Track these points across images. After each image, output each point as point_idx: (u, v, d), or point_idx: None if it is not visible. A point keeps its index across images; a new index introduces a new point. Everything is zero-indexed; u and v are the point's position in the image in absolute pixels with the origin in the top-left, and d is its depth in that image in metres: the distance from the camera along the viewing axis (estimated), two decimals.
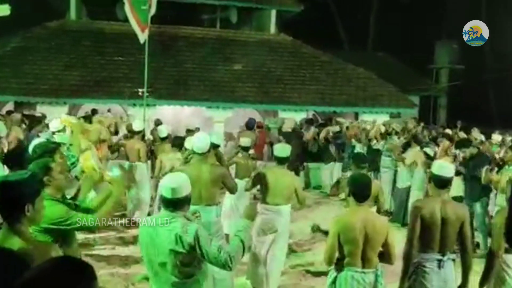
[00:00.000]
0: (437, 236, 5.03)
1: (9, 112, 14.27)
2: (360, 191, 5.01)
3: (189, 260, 4.07)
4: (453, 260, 5.16)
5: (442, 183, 5.13)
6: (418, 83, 26.58)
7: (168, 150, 10.02)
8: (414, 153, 11.60)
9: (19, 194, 3.31)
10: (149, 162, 11.56)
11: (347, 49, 32.17)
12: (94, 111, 15.85)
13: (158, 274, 4.12)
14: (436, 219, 5.01)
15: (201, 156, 6.82)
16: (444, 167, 5.26)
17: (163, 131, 11.02)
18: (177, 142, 9.80)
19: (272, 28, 20.56)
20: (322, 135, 15.06)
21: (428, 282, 5.05)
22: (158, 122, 14.49)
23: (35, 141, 7.48)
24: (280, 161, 7.41)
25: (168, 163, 9.38)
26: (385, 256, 4.96)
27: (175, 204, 4.17)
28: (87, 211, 4.80)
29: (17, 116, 13.32)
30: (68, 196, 4.86)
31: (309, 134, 15.61)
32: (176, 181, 4.23)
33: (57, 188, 4.59)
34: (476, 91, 29.45)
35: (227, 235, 8.36)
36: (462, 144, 10.48)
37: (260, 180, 7.32)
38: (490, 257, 5.21)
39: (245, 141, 10.03)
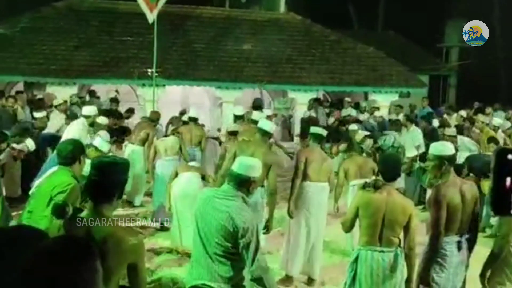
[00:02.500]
0: (458, 219, 5.02)
1: (18, 93, 14.34)
2: (388, 170, 5.04)
3: (232, 242, 4.15)
4: (468, 240, 5.15)
5: (449, 160, 5.08)
6: (428, 63, 26.38)
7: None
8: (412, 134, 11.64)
9: (126, 178, 3.48)
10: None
11: (357, 28, 31.93)
12: (92, 93, 15.76)
13: (204, 244, 4.20)
14: (458, 202, 4.98)
15: (264, 137, 7.02)
16: (443, 144, 5.33)
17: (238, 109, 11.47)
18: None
19: (282, 7, 20.45)
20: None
21: (448, 264, 5.04)
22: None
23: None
24: (317, 138, 7.48)
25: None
26: (405, 240, 4.97)
27: (242, 180, 4.24)
28: None
29: (23, 96, 13.42)
30: None
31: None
32: (254, 161, 4.41)
33: (79, 170, 4.82)
34: (486, 70, 29.18)
35: None
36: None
37: (303, 158, 7.32)
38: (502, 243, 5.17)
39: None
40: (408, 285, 5.01)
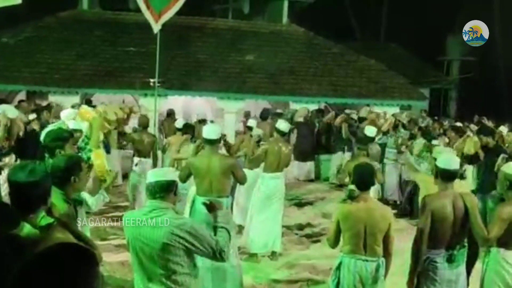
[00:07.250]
0: (447, 232, 4.99)
1: (20, 102, 14.34)
2: (362, 179, 5.03)
3: (181, 255, 3.90)
4: (463, 254, 5.12)
5: (449, 176, 5.09)
6: (429, 75, 26.45)
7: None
8: (419, 146, 11.61)
9: (46, 191, 3.30)
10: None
11: (359, 40, 31.98)
12: (88, 102, 15.60)
13: (144, 266, 3.99)
14: (448, 214, 4.95)
15: (212, 146, 6.78)
16: (450, 159, 5.24)
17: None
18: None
19: (284, 19, 20.47)
20: (338, 120, 14.93)
21: (439, 277, 5.03)
22: (170, 112, 14.66)
23: (48, 128, 7.37)
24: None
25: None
26: (383, 249, 4.97)
27: (161, 188, 3.99)
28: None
29: (24, 104, 13.38)
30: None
31: (329, 119, 15.69)
32: (160, 168, 4.24)
33: (77, 189, 4.51)
34: (487, 84, 29.26)
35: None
36: (483, 130, 10.24)
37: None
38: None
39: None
40: None
